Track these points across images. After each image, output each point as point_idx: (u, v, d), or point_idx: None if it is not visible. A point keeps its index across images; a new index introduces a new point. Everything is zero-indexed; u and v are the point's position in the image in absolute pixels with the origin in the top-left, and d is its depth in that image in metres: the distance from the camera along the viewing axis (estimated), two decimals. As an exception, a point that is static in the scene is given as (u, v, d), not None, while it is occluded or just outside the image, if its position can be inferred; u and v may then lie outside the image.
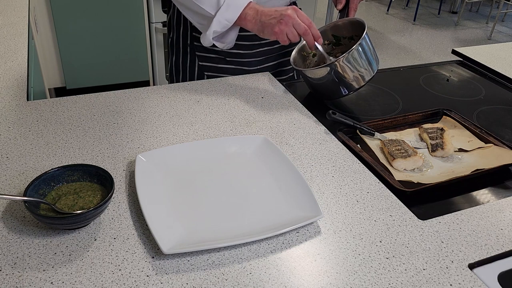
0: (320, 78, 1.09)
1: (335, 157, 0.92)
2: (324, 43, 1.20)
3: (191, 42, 1.24)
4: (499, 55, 1.50)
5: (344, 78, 1.06)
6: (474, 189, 0.87)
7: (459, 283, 0.65)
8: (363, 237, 0.72)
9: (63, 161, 0.85)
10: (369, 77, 1.07)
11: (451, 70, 1.42)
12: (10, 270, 0.63)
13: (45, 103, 1.04)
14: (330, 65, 1.04)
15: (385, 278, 0.65)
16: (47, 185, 0.73)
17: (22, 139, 0.91)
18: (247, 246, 0.69)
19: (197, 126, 0.99)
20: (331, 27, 1.22)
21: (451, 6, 5.77)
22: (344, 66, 1.04)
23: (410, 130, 1.05)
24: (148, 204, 0.72)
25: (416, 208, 0.79)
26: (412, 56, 4.20)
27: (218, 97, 1.11)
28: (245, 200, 0.78)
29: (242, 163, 0.87)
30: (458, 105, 1.19)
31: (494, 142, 0.98)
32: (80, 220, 0.68)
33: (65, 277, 0.62)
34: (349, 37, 1.20)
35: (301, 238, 0.72)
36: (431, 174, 0.90)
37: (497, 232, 0.75)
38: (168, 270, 0.64)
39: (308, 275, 0.65)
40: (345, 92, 1.09)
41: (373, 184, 0.85)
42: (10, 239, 0.68)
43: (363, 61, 1.06)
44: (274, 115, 1.05)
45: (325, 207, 0.78)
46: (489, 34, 4.83)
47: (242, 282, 0.63)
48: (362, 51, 1.05)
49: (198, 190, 0.80)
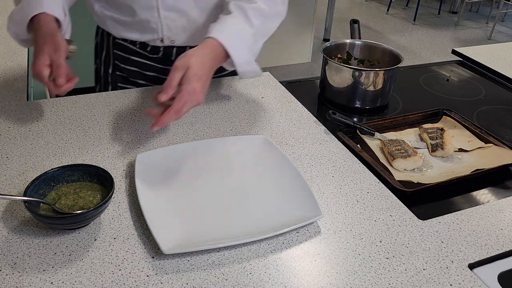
0: None
1: (335, 157, 0.92)
2: (337, 56, 1.23)
3: (113, 71, 1.18)
4: (499, 55, 1.50)
5: None
6: (474, 189, 0.87)
7: (459, 283, 0.65)
8: (363, 237, 0.72)
9: (63, 161, 0.85)
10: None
11: (451, 70, 1.42)
12: (10, 270, 0.63)
13: (45, 103, 1.04)
14: None
15: (385, 278, 0.65)
16: (47, 185, 0.73)
17: (22, 139, 0.90)
18: (247, 246, 0.69)
19: (197, 126, 0.99)
20: (349, 44, 1.26)
21: (451, 6, 5.77)
22: None
23: (410, 130, 1.05)
24: (148, 204, 0.72)
25: (416, 208, 0.79)
26: (412, 56, 4.20)
27: (218, 97, 1.11)
28: (245, 200, 0.78)
29: (242, 163, 0.87)
30: (458, 105, 1.19)
31: (494, 142, 0.98)
32: (80, 220, 0.68)
33: (65, 277, 0.62)
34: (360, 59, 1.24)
35: (301, 238, 0.72)
36: (431, 174, 0.90)
37: (497, 232, 0.75)
38: (168, 270, 0.64)
39: (308, 275, 0.65)
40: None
41: (373, 184, 0.85)
42: (10, 239, 0.68)
43: None
44: (274, 115, 1.05)
45: (325, 207, 0.78)
46: (489, 34, 4.82)
47: (242, 282, 0.63)
48: None
49: (198, 190, 0.80)
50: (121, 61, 1.15)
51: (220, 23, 0.92)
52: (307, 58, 3.83)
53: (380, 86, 1.11)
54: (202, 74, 0.82)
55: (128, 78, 1.15)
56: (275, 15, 0.99)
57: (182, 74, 0.80)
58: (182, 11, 1.03)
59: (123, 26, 1.07)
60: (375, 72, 1.09)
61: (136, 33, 1.08)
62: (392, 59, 1.17)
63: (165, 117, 0.77)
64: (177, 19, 1.04)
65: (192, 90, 0.79)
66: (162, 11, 1.02)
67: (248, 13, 0.93)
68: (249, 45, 0.94)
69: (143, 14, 1.02)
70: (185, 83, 0.80)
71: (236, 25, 0.92)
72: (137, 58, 1.13)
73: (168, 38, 1.07)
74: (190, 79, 0.80)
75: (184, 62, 0.81)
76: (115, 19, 1.07)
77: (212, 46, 0.88)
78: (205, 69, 0.84)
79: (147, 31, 1.06)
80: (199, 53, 0.85)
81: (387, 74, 1.10)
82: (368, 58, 1.23)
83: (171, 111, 0.77)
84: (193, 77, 0.80)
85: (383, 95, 1.14)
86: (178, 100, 0.78)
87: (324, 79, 1.17)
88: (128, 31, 1.08)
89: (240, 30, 0.92)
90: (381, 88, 1.11)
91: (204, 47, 0.87)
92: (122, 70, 1.15)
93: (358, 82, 1.10)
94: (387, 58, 1.20)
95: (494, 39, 4.74)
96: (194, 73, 0.81)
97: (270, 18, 0.98)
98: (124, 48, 1.13)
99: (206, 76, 0.84)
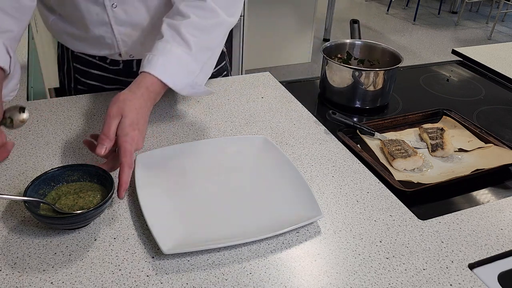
0: None
1: (335, 157, 0.92)
2: (337, 56, 1.23)
3: (75, 85, 1.13)
4: (499, 55, 1.50)
5: None
6: (474, 189, 0.87)
7: (459, 283, 0.65)
8: (363, 237, 0.72)
9: (63, 161, 0.85)
10: None
11: (451, 70, 1.42)
12: (10, 270, 0.63)
13: (45, 103, 1.04)
14: None
15: (385, 278, 0.65)
16: (47, 185, 0.73)
17: (22, 139, 0.90)
18: (247, 246, 0.69)
19: (197, 126, 0.99)
20: (349, 44, 1.25)
21: (451, 6, 5.77)
22: None
23: (410, 130, 1.05)
24: (148, 204, 0.72)
25: (416, 208, 0.79)
26: (412, 56, 4.20)
27: (218, 97, 1.11)
28: (245, 200, 0.78)
29: (242, 163, 0.87)
30: (458, 105, 1.19)
31: (494, 142, 0.98)
32: (80, 220, 0.68)
33: (65, 277, 0.62)
34: (360, 59, 1.23)
35: (301, 238, 0.72)
36: (431, 174, 0.90)
37: (497, 232, 0.75)
38: (168, 270, 0.64)
39: (308, 275, 0.65)
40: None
41: (373, 184, 0.85)
42: (10, 239, 0.68)
43: None
44: (274, 115, 1.05)
45: (325, 207, 0.78)
46: (489, 34, 4.83)
47: (242, 282, 0.63)
48: None
49: (198, 190, 0.80)
50: (81, 75, 1.10)
51: (152, 52, 0.85)
52: (307, 58, 3.83)
53: (380, 86, 1.11)
54: (138, 120, 0.78)
55: (90, 93, 1.11)
56: (215, 25, 0.91)
57: (117, 121, 0.76)
58: (136, 25, 0.98)
59: (79, 41, 1.03)
60: (375, 72, 1.09)
61: (93, 48, 1.04)
62: (392, 59, 1.17)
63: (124, 177, 0.72)
64: (133, 34, 1.00)
65: (131, 140, 0.75)
66: (116, 26, 0.97)
67: (181, 32, 0.87)
68: (188, 67, 0.88)
69: (96, 30, 0.98)
70: (122, 134, 0.75)
71: (169, 50, 0.85)
72: (97, 71, 1.09)
73: (126, 52, 1.03)
74: (126, 129, 0.76)
75: (118, 110, 0.77)
76: (70, 34, 1.02)
77: (145, 86, 0.82)
78: (140, 114, 0.79)
79: (104, 47, 1.02)
80: (133, 97, 0.80)
81: (387, 74, 1.10)
82: (368, 58, 1.23)
83: (125, 169, 0.72)
84: (128, 127, 0.76)
85: (383, 95, 1.14)
86: (125, 154, 0.73)
87: (324, 79, 1.17)
88: (85, 46, 1.04)
89: (174, 55, 0.86)
90: (381, 88, 1.11)
91: (137, 89, 0.82)
92: (83, 84, 1.11)
93: (358, 82, 1.10)
94: (387, 58, 1.20)
95: (494, 39, 4.74)
96: (129, 122, 0.76)
97: (210, 30, 0.90)
98: (83, 61, 1.09)
99: (142, 120, 0.80)
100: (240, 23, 2.94)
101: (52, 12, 1.01)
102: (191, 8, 0.89)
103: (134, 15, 0.97)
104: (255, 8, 3.32)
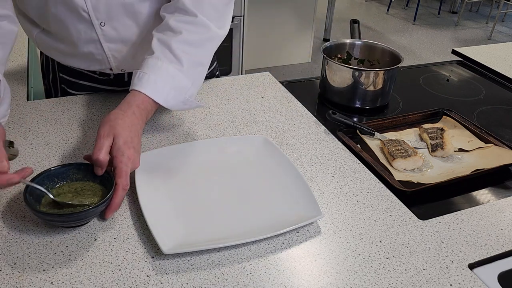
0: None
1: (335, 157, 0.92)
2: (337, 56, 1.23)
3: (61, 96, 1.10)
4: (499, 55, 1.50)
5: None
6: (474, 189, 0.87)
7: (459, 283, 0.65)
8: (363, 237, 0.72)
9: (63, 161, 0.85)
10: None
11: (451, 70, 1.42)
12: (10, 270, 0.63)
13: (45, 103, 1.04)
14: None
15: (385, 278, 0.65)
16: (51, 181, 0.73)
17: (22, 139, 0.90)
18: (247, 246, 0.69)
19: (197, 126, 0.99)
20: (349, 44, 1.24)
21: (451, 6, 5.77)
22: None
23: (410, 130, 1.05)
24: (148, 204, 0.72)
25: (416, 208, 0.79)
26: (412, 56, 4.20)
27: (218, 97, 1.11)
28: (245, 200, 0.78)
29: (242, 163, 0.87)
30: (458, 105, 1.19)
31: (494, 142, 0.98)
32: (80, 218, 0.68)
33: (65, 277, 0.62)
34: (360, 59, 1.23)
35: (301, 238, 0.72)
36: (431, 174, 0.90)
37: (497, 232, 0.75)
38: (168, 270, 0.64)
39: (308, 275, 0.65)
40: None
41: (373, 184, 0.85)
42: (10, 239, 0.68)
43: None
44: (274, 115, 1.05)
45: (325, 207, 0.78)
46: (489, 34, 4.82)
47: (242, 282, 0.63)
48: None
49: (198, 190, 0.80)
50: (68, 86, 1.07)
51: (142, 69, 0.83)
52: (307, 58, 3.83)
53: (380, 86, 1.11)
54: (132, 138, 0.77)
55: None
56: (207, 40, 0.90)
57: (109, 142, 0.74)
58: (126, 41, 0.95)
59: (68, 56, 1.00)
60: (375, 72, 1.09)
61: (83, 63, 1.00)
62: (392, 59, 1.17)
63: (116, 199, 0.71)
64: (123, 50, 0.97)
65: (127, 159, 0.74)
66: (105, 43, 0.94)
67: (172, 49, 0.84)
68: (181, 83, 0.85)
69: (85, 47, 0.95)
70: (117, 154, 0.73)
71: (159, 67, 0.83)
72: (85, 82, 1.06)
73: (117, 67, 1.01)
74: (122, 148, 0.74)
75: (109, 129, 0.75)
76: (57, 49, 0.99)
77: (135, 104, 0.81)
78: (133, 132, 0.77)
79: (94, 62, 0.99)
80: (122, 116, 0.78)
81: (387, 74, 1.10)
82: (368, 58, 1.23)
83: (119, 190, 0.71)
84: (124, 145, 0.74)
85: (383, 95, 1.14)
86: (120, 175, 0.72)
87: (324, 79, 1.17)
88: (73, 61, 1.00)
89: (164, 72, 0.84)
90: (381, 88, 1.11)
91: (128, 108, 0.80)
92: (70, 95, 1.08)
93: (358, 82, 1.10)
94: (387, 58, 1.20)
95: (494, 39, 4.74)
96: (123, 141, 0.74)
97: (201, 45, 0.89)
98: (70, 71, 1.05)
99: (136, 138, 0.78)
100: (240, 23, 2.94)
101: (36, 26, 0.98)
102: (182, 24, 0.86)
103: (124, 31, 0.94)
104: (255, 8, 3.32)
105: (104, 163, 0.73)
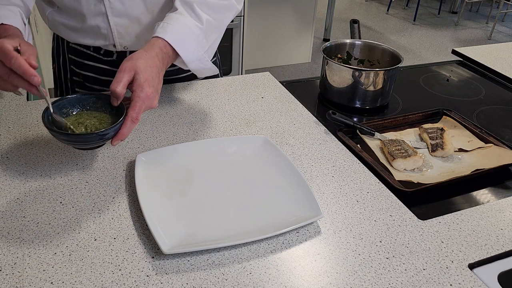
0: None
1: (335, 157, 0.92)
2: (337, 56, 1.23)
3: (70, 76, 1.16)
4: (499, 55, 1.50)
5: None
6: (474, 189, 0.87)
7: (459, 283, 0.65)
8: (363, 237, 0.72)
9: (63, 161, 0.85)
10: None
11: (451, 70, 1.42)
12: (10, 270, 0.63)
13: (45, 103, 1.04)
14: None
15: (385, 278, 0.65)
16: (72, 106, 0.80)
17: (22, 139, 0.90)
18: (247, 246, 0.69)
19: (197, 126, 0.99)
20: (349, 44, 1.25)
21: (451, 6, 5.77)
22: None
23: (410, 130, 1.05)
24: (148, 204, 0.73)
25: (416, 208, 0.79)
26: (412, 56, 4.20)
27: (218, 97, 1.11)
28: (245, 200, 0.78)
29: (242, 163, 0.87)
30: (458, 105, 1.19)
31: (494, 142, 0.98)
32: (88, 141, 0.75)
33: (65, 277, 0.62)
34: (360, 59, 1.24)
35: (301, 238, 0.72)
36: (431, 174, 0.90)
37: (497, 232, 0.75)
38: (168, 270, 0.64)
39: (308, 275, 0.65)
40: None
41: (373, 184, 0.85)
42: (10, 239, 0.68)
43: None
44: (274, 115, 1.05)
45: (325, 207, 0.78)
46: (489, 34, 4.83)
47: (242, 282, 0.63)
48: None
49: (198, 190, 0.80)
50: (76, 66, 1.12)
51: (165, 21, 0.87)
52: (307, 58, 3.83)
53: (380, 86, 1.11)
54: (152, 78, 0.79)
55: (84, 83, 1.13)
56: (226, 7, 0.95)
57: (129, 77, 0.76)
58: (133, 18, 0.99)
59: (75, 32, 1.04)
60: (375, 72, 1.09)
61: (88, 38, 1.04)
62: (392, 59, 1.18)
63: (124, 129, 0.74)
64: (129, 26, 1.00)
65: (145, 96, 0.76)
66: (112, 17, 0.98)
67: (194, 8, 0.89)
68: (199, 40, 0.90)
69: (92, 21, 0.99)
70: (137, 89, 0.76)
71: (182, 21, 0.87)
72: (91, 62, 1.10)
73: (120, 44, 1.04)
74: (142, 84, 0.76)
75: (131, 65, 0.77)
76: (66, 25, 1.04)
77: (158, 46, 0.83)
78: (154, 72, 0.79)
79: (99, 37, 1.03)
80: (145, 55, 0.80)
81: (387, 74, 1.10)
82: (368, 58, 1.23)
83: (127, 121, 0.74)
84: (144, 83, 0.76)
85: (383, 95, 1.14)
86: (133, 108, 0.75)
87: (324, 79, 1.17)
88: (80, 36, 1.05)
89: (186, 26, 0.87)
90: (381, 88, 1.11)
91: (150, 49, 0.82)
92: (78, 75, 1.13)
93: (358, 82, 1.10)
94: (387, 58, 1.20)
95: (494, 39, 4.74)
96: (145, 78, 0.76)
97: (220, 11, 0.93)
98: (78, 52, 1.10)
99: (157, 79, 0.80)
100: (240, 23, 2.94)
101: (51, 5, 1.03)
102: None
103: (131, 7, 0.98)
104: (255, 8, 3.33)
105: (120, 96, 0.76)
